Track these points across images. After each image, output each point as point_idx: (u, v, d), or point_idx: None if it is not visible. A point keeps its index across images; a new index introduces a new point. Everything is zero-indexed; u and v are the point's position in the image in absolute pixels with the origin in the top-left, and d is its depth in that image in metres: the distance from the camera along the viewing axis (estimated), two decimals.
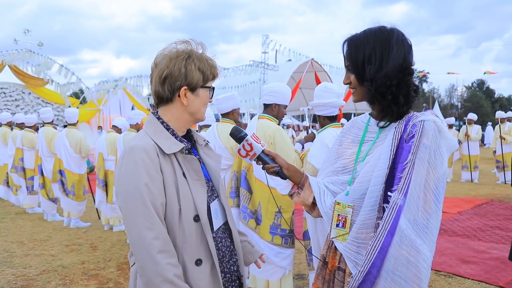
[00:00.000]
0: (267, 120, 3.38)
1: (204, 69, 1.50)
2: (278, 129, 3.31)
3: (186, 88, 1.49)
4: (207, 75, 1.51)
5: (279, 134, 3.28)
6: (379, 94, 1.43)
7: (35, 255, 4.95)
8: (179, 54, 1.49)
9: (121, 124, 6.26)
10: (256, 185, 3.34)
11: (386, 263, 1.30)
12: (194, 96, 1.51)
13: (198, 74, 1.49)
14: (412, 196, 1.31)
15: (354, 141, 1.57)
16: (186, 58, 1.48)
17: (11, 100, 15.54)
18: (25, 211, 7.57)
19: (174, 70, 1.47)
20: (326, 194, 1.55)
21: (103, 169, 6.11)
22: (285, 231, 3.28)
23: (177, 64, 1.47)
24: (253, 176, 3.35)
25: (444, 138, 1.38)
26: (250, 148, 1.60)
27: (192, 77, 1.48)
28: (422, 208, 1.32)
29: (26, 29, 15.34)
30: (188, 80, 1.48)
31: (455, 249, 4.95)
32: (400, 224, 1.29)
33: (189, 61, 1.48)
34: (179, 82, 1.48)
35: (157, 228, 1.38)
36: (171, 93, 1.50)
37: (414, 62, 1.47)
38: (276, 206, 3.24)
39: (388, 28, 1.46)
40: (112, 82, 15.41)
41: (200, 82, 1.50)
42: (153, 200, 1.39)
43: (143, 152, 1.41)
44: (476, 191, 9.26)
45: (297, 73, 17.24)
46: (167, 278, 1.36)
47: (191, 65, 1.48)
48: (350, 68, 1.50)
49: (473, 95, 48.19)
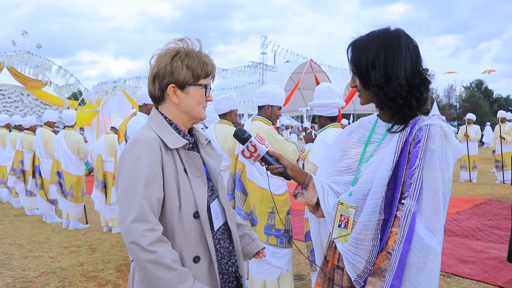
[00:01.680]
0: (260, 122, 3.41)
1: (193, 66, 1.48)
2: (269, 129, 3.34)
3: (174, 85, 1.48)
4: (197, 72, 1.49)
5: (270, 135, 3.30)
6: (388, 100, 1.41)
7: (33, 257, 4.94)
8: (167, 52, 1.50)
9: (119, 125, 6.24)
10: (249, 186, 3.35)
11: (408, 272, 1.30)
12: (185, 94, 1.50)
13: (186, 71, 1.47)
14: (424, 201, 1.31)
15: (360, 141, 1.56)
16: (173, 55, 1.48)
17: (10, 102, 15.50)
18: (24, 213, 7.57)
19: (161, 68, 1.48)
20: (329, 194, 1.55)
21: (102, 170, 6.11)
22: (280, 231, 3.29)
23: (164, 61, 1.48)
24: (247, 178, 3.36)
25: (451, 144, 1.37)
26: (254, 149, 1.59)
27: (179, 74, 1.47)
28: (434, 212, 1.32)
29: (24, 31, 15.32)
30: (174, 77, 1.47)
31: (454, 249, 4.95)
32: (417, 230, 1.30)
33: (176, 58, 1.48)
34: (166, 79, 1.48)
35: (152, 220, 1.37)
36: (160, 91, 1.51)
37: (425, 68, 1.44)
38: (268, 206, 3.26)
39: (392, 30, 1.44)
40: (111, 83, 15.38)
41: (190, 79, 1.49)
42: (150, 193, 1.38)
43: (146, 144, 1.41)
44: (475, 191, 9.27)
45: (296, 74, 17.23)
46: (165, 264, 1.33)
47: (177, 62, 1.47)
48: (355, 73, 1.49)
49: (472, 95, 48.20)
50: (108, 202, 5.98)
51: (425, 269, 1.31)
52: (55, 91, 15.93)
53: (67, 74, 15.57)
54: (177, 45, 1.52)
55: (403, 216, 1.32)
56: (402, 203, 1.34)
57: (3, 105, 15.25)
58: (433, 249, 1.31)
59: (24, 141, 7.49)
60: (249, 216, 3.38)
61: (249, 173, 3.34)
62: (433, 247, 1.31)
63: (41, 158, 6.76)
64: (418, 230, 1.30)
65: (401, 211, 1.33)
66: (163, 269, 1.34)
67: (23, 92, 15.74)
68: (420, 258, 1.30)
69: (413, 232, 1.30)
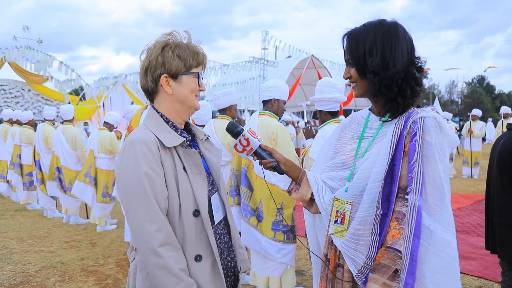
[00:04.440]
0: (268, 117, 3.37)
1: (184, 56, 1.49)
2: (280, 126, 3.31)
3: (167, 75, 1.49)
4: (189, 61, 1.50)
5: (282, 132, 3.28)
6: (384, 87, 1.40)
7: (34, 251, 4.96)
8: (156, 45, 1.51)
9: (112, 120, 6.11)
10: (257, 182, 3.32)
11: (424, 268, 1.29)
12: (177, 84, 1.50)
13: (178, 61, 1.48)
14: (429, 195, 1.30)
15: (353, 136, 1.55)
16: (163, 46, 1.49)
17: (11, 97, 15.51)
18: (25, 208, 7.59)
19: (152, 59, 1.49)
20: (324, 189, 1.54)
21: (94, 166, 5.99)
22: (287, 227, 3.28)
23: (154, 53, 1.49)
24: (254, 173, 3.34)
25: (445, 134, 1.37)
26: (247, 143, 1.58)
27: (171, 63, 1.48)
28: (441, 205, 1.31)
29: (26, 26, 15.30)
30: (166, 67, 1.48)
31: None
32: (426, 224, 1.29)
33: (166, 49, 1.49)
34: (158, 70, 1.49)
35: (159, 220, 1.37)
36: (153, 83, 1.51)
37: (418, 55, 1.45)
38: (277, 203, 3.23)
39: (388, 21, 1.44)
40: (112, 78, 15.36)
41: (182, 69, 1.49)
42: (154, 192, 1.38)
43: (143, 145, 1.40)
44: (476, 187, 9.25)
45: (297, 70, 17.18)
46: (172, 271, 1.34)
47: (168, 52, 1.48)
48: (350, 62, 1.48)
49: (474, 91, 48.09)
50: (98, 199, 5.90)
51: (443, 264, 1.29)
52: (56, 86, 15.93)
53: (68, 69, 15.55)
54: (166, 38, 1.53)
55: (409, 211, 1.30)
56: (406, 198, 1.33)
57: (4, 100, 15.26)
58: (447, 242, 1.30)
59: (22, 135, 7.50)
60: (255, 212, 3.36)
61: (257, 169, 3.32)
62: (446, 239, 1.29)
63: (41, 153, 6.77)
64: (427, 224, 1.29)
65: (405, 207, 1.32)
66: (169, 276, 1.35)
67: (24, 87, 15.74)
68: (435, 253, 1.29)
69: (421, 227, 1.28)
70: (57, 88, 15.97)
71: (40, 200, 7.02)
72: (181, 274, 1.36)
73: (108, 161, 5.90)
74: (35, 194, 7.42)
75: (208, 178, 1.55)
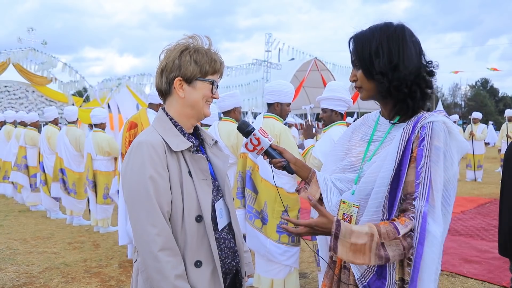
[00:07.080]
0: (273, 119, 3.37)
1: (202, 62, 1.49)
2: (284, 128, 3.31)
3: (181, 79, 1.49)
4: (205, 68, 1.50)
5: (285, 134, 3.28)
6: (393, 87, 1.39)
7: (37, 252, 4.97)
8: (176, 47, 1.51)
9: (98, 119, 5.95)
10: (262, 184, 3.32)
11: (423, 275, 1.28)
12: (191, 88, 1.51)
13: (194, 66, 1.48)
14: (436, 201, 1.29)
15: (363, 139, 1.55)
16: (182, 50, 1.50)
17: (15, 98, 15.61)
18: (28, 209, 7.61)
19: (169, 62, 1.50)
20: (332, 191, 1.53)
21: (92, 169, 5.92)
22: None
23: (172, 55, 1.50)
24: (259, 176, 3.34)
25: (455, 140, 1.35)
26: (258, 142, 1.59)
27: (186, 68, 1.48)
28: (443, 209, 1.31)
29: (30, 28, 15.41)
30: (182, 71, 1.48)
31: (458, 248, 4.92)
32: (431, 231, 1.27)
33: (185, 53, 1.49)
34: (173, 73, 1.49)
35: (160, 224, 1.37)
36: (167, 84, 1.51)
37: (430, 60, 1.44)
38: (282, 205, 3.23)
39: (394, 23, 1.44)
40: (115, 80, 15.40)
41: (197, 74, 1.49)
42: (158, 196, 1.38)
43: (150, 147, 1.41)
44: (480, 190, 9.21)
45: (300, 72, 17.17)
46: (167, 276, 1.35)
47: (185, 56, 1.48)
48: (356, 64, 1.47)
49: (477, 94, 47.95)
50: (98, 201, 5.87)
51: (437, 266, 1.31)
52: (60, 88, 16.00)
53: (72, 70, 15.62)
54: (187, 41, 1.53)
55: (416, 218, 1.29)
56: (413, 204, 1.31)
57: (8, 101, 15.35)
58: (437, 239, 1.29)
59: (27, 137, 7.52)
60: (259, 215, 3.36)
61: (262, 171, 3.31)
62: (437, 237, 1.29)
63: (44, 154, 6.80)
64: (432, 231, 1.27)
65: (412, 213, 1.30)
66: (165, 281, 1.36)
67: (28, 88, 15.83)
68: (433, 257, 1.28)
69: (425, 233, 1.27)
70: (60, 90, 16.04)
71: (43, 202, 7.03)
72: (177, 281, 1.36)
73: (106, 162, 5.87)
74: (41, 196, 7.43)
75: (214, 184, 1.55)
